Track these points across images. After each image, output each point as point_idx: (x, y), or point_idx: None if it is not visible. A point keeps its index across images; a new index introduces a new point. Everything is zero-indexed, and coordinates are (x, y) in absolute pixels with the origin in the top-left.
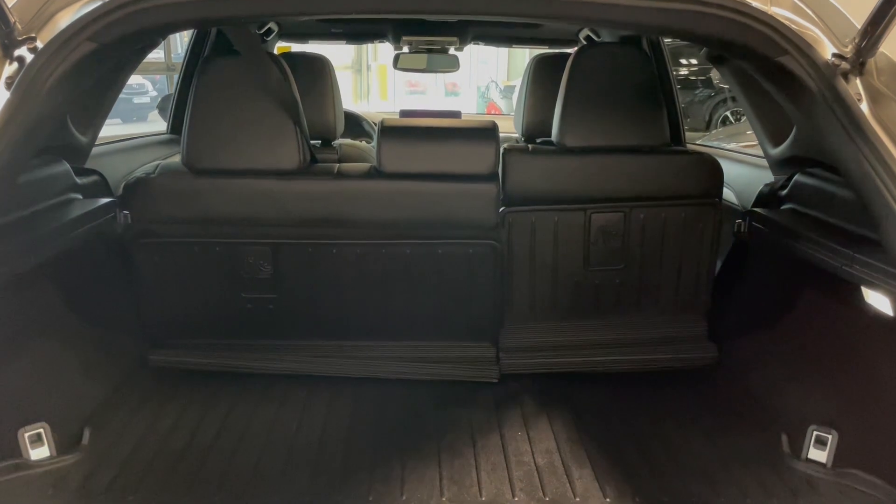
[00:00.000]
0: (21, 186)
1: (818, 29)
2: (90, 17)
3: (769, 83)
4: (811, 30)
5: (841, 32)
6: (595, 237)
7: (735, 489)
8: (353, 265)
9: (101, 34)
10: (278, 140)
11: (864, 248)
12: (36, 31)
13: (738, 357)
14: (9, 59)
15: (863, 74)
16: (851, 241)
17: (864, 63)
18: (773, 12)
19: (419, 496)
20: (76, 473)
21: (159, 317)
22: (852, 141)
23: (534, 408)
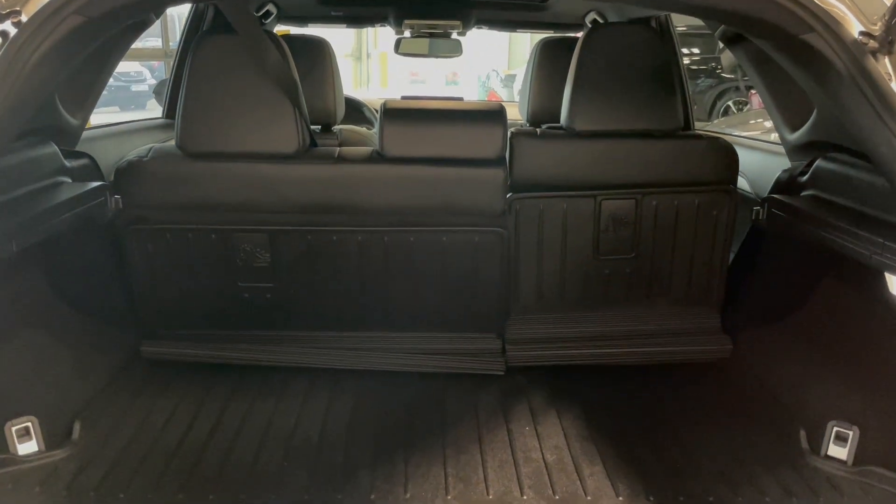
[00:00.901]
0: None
1: (844, 6)
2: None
3: (792, 63)
4: (837, 6)
5: (869, 10)
6: (605, 225)
7: (753, 488)
8: (354, 253)
9: (88, 7)
10: (276, 122)
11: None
12: (20, 5)
13: (754, 350)
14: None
15: (892, 53)
16: (879, 228)
17: (892, 41)
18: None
19: (423, 494)
20: (65, 469)
21: (152, 307)
22: (883, 123)
23: (541, 402)
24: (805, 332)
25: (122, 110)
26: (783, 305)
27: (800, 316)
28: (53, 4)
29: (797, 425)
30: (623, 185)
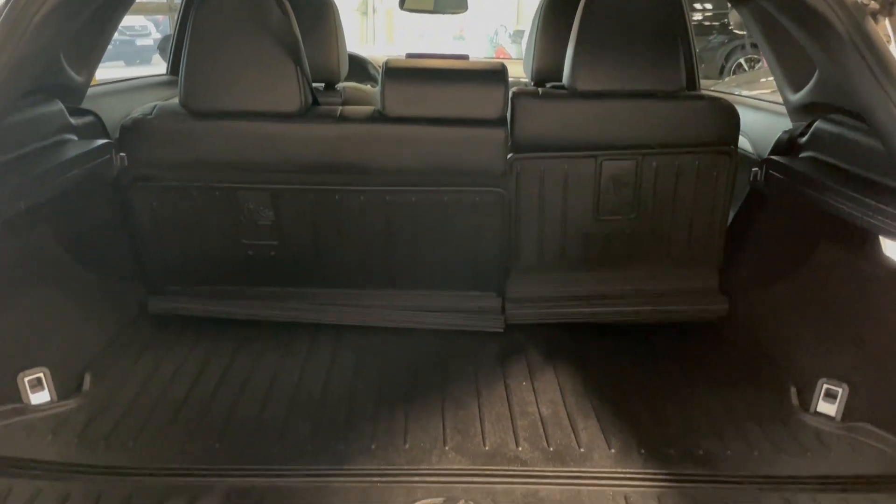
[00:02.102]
0: (10, 127)
1: None
2: None
3: (793, 23)
4: None
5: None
6: (606, 185)
7: (742, 442)
8: (356, 212)
9: None
10: (278, 81)
11: (885, 196)
12: None
13: (750, 309)
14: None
15: (893, 15)
16: (874, 191)
17: (893, 3)
18: None
19: (422, 445)
20: (76, 419)
21: (158, 263)
22: (880, 85)
23: (539, 359)
24: (800, 292)
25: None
26: (780, 266)
27: (795, 277)
28: None
29: (788, 383)
30: (624, 145)
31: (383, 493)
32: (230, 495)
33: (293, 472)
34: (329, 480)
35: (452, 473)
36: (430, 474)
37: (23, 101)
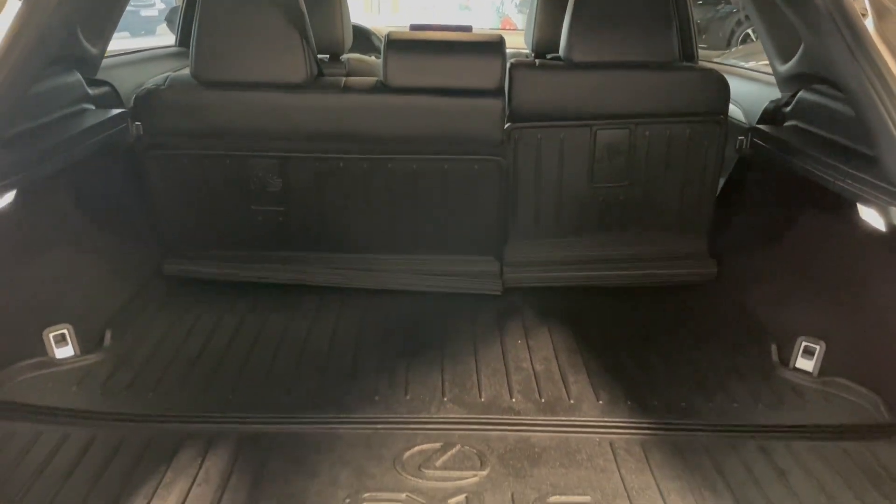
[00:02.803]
0: (35, 96)
1: None
2: None
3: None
4: None
5: None
6: (600, 154)
7: (724, 395)
8: (360, 180)
9: None
10: (285, 53)
11: (859, 163)
12: None
13: (737, 273)
14: None
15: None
16: (848, 157)
17: None
18: None
19: (422, 396)
20: (99, 372)
21: (172, 228)
22: (854, 57)
23: (534, 319)
24: (783, 256)
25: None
26: (765, 231)
27: (779, 241)
28: None
29: (769, 340)
30: (618, 115)
31: (385, 438)
32: (243, 440)
33: (301, 419)
34: (335, 427)
35: (450, 422)
36: (430, 422)
37: (44, 71)
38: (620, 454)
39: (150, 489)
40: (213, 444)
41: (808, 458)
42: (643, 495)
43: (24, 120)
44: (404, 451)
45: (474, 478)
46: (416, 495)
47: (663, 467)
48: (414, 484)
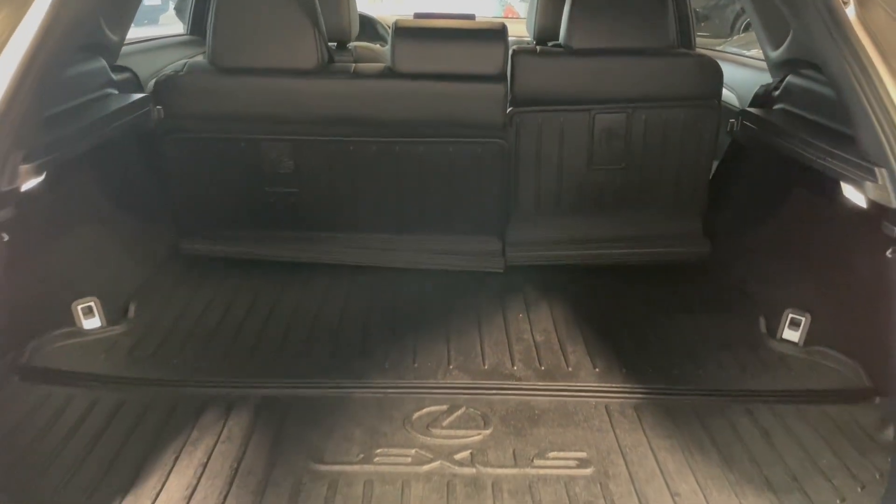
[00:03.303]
0: (65, 80)
1: None
2: None
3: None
4: None
5: None
6: (599, 137)
7: (713, 364)
8: (368, 162)
9: None
10: (297, 40)
11: (840, 143)
12: None
13: (729, 251)
14: None
15: None
16: (831, 137)
17: None
18: None
19: (429, 364)
20: (124, 341)
21: (189, 208)
22: (835, 42)
23: (535, 295)
24: (772, 234)
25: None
26: (755, 210)
27: (769, 220)
28: None
29: (758, 314)
30: (615, 99)
31: (395, 401)
32: (262, 403)
33: (316, 385)
34: (347, 392)
35: (455, 387)
36: (436, 388)
37: (72, 57)
38: (615, 416)
39: (178, 445)
40: (235, 407)
41: (790, 420)
42: (635, 451)
43: (57, 103)
44: (413, 412)
45: (478, 436)
46: (424, 451)
47: (655, 427)
48: (423, 441)
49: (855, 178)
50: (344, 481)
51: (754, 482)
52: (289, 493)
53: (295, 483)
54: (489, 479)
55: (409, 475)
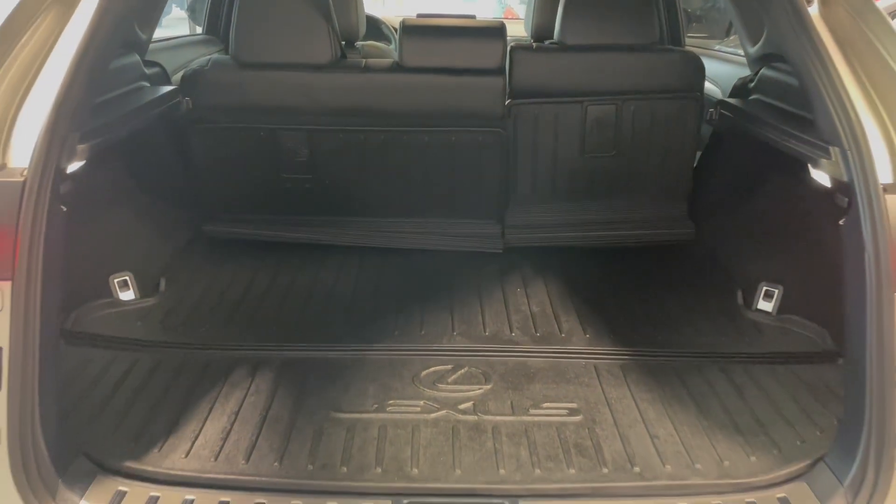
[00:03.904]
0: (112, 72)
1: None
2: None
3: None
4: None
5: None
6: (590, 127)
7: (693, 331)
8: (378, 150)
9: None
10: (313, 36)
11: (803, 127)
12: None
13: (711, 232)
14: None
15: None
16: (796, 122)
17: None
18: None
19: (435, 331)
20: (157, 311)
21: (212, 193)
22: (797, 36)
23: (532, 273)
24: (749, 214)
25: None
26: (735, 194)
27: (747, 201)
28: None
29: (736, 287)
30: (606, 92)
31: (405, 362)
32: (285, 364)
33: (333, 349)
34: (361, 354)
35: (459, 350)
36: (442, 351)
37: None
38: (603, 374)
39: (211, 398)
40: (260, 367)
41: (762, 378)
42: (620, 403)
43: (102, 92)
44: (421, 371)
45: (479, 390)
46: (432, 402)
47: (638, 384)
48: (430, 394)
49: (814, 157)
50: (360, 426)
51: (725, 428)
52: (312, 436)
53: (317, 428)
54: (489, 425)
55: (418, 422)
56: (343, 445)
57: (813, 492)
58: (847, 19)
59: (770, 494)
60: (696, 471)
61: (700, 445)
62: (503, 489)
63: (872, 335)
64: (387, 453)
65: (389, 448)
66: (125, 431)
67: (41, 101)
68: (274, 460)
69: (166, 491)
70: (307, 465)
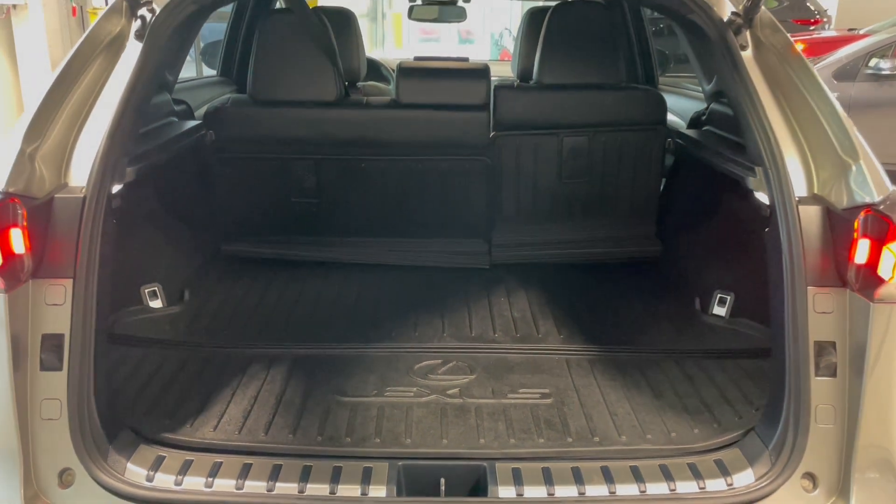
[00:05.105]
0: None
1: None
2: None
3: (689, 34)
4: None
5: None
6: (566, 156)
7: (655, 332)
8: (377, 177)
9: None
10: (320, 77)
11: (739, 151)
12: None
13: (676, 248)
14: (134, 16)
15: (752, 27)
16: (735, 148)
17: (751, 18)
18: None
19: (428, 333)
20: (183, 317)
21: (230, 216)
22: (732, 76)
23: (515, 285)
24: (706, 232)
25: None
26: (694, 213)
27: (703, 221)
28: None
29: (694, 295)
30: (579, 125)
31: (400, 358)
32: (296, 360)
33: (338, 347)
34: (362, 351)
35: (448, 348)
36: (433, 348)
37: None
38: (573, 367)
39: (233, 386)
40: (274, 362)
41: (711, 370)
42: (586, 389)
43: (144, 125)
44: (415, 364)
45: (465, 379)
46: (423, 389)
47: (604, 374)
48: (422, 383)
49: (744, 176)
50: (362, 408)
51: (675, 408)
52: (320, 415)
53: (324, 409)
54: (473, 406)
55: (412, 404)
56: (347, 422)
57: (744, 455)
58: (776, 62)
59: (708, 458)
60: (647, 440)
61: (652, 421)
62: (482, 454)
63: (790, 325)
64: (384, 428)
65: (387, 424)
66: (161, 411)
67: (94, 131)
68: (288, 433)
69: (199, 456)
70: (316, 436)
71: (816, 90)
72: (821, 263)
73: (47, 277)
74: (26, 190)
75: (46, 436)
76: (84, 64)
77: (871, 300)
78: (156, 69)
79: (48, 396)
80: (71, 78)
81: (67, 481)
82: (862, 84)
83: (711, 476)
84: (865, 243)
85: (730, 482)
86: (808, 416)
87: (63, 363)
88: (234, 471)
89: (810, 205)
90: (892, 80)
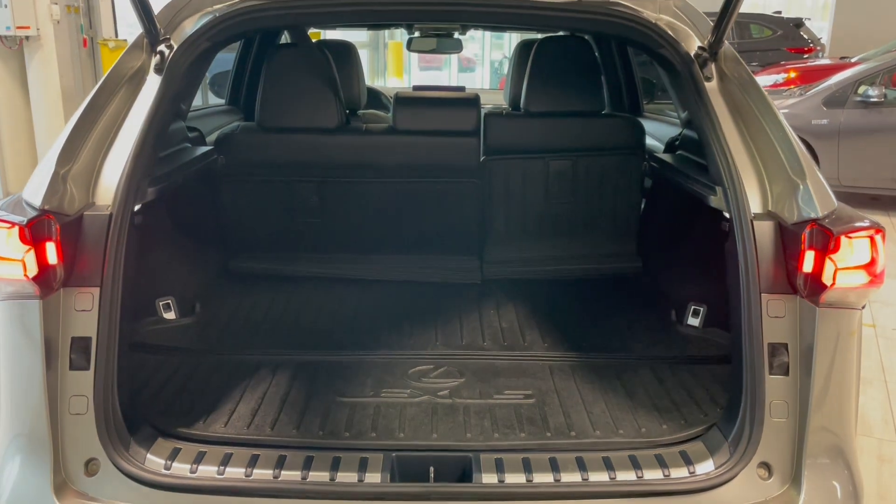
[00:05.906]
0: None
1: (690, 29)
2: (209, 25)
3: (661, 66)
4: (686, 30)
5: (705, 31)
6: (552, 179)
7: (634, 339)
8: (375, 198)
9: (216, 36)
10: (323, 105)
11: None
12: (170, 34)
13: (655, 264)
14: (154, 52)
15: (716, 60)
16: (700, 170)
17: (716, 52)
18: (661, 18)
19: (422, 341)
20: (195, 327)
21: (237, 235)
22: (698, 105)
23: (504, 299)
24: (681, 248)
25: None
26: (670, 231)
27: (680, 238)
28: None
29: (670, 307)
30: (564, 150)
31: (395, 363)
32: (300, 365)
33: (338, 354)
34: (361, 358)
35: (440, 355)
36: (426, 355)
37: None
38: (555, 372)
39: (242, 388)
40: (279, 367)
41: (682, 374)
42: (566, 391)
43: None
44: (409, 369)
45: (455, 383)
46: (417, 391)
47: (583, 378)
48: (416, 385)
49: (706, 195)
50: (360, 406)
51: (646, 406)
52: (321, 413)
53: (325, 408)
54: (461, 406)
55: (405, 404)
56: (346, 419)
57: (706, 447)
58: (737, 92)
59: (673, 450)
60: (618, 434)
61: (625, 418)
62: (469, 446)
63: (746, 328)
64: (380, 424)
65: (382, 420)
66: (177, 410)
67: (119, 155)
68: (292, 428)
69: (211, 448)
70: (318, 431)
71: (771, 117)
72: (773, 272)
73: (77, 286)
74: (59, 207)
75: (74, 429)
76: (110, 95)
77: (817, 305)
78: (173, 99)
79: (76, 393)
80: (98, 107)
81: (93, 470)
82: (851, 111)
83: (676, 465)
84: (811, 254)
85: (692, 470)
86: (762, 410)
87: (90, 363)
88: (243, 460)
89: (764, 220)
90: (880, 106)
